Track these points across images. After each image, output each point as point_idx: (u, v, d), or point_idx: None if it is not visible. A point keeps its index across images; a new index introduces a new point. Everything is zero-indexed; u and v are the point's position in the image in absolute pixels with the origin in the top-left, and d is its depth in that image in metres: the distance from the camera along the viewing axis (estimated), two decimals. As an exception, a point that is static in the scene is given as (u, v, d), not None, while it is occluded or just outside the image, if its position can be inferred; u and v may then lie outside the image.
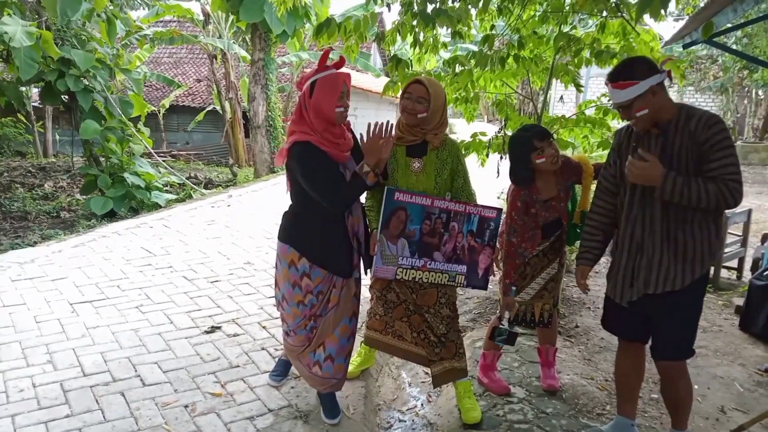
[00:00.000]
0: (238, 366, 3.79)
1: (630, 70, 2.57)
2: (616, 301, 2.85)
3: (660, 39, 4.57)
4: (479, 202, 3.20)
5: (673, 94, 20.22)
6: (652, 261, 2.66)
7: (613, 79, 2.59)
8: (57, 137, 19.41)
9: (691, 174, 2.52)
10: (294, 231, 2.98)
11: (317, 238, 2.90)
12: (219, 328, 4.35)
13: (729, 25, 4.54)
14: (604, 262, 7.15)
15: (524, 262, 3.33)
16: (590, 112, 4.83)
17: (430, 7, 3.67)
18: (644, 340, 2.91)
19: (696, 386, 3.87)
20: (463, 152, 3.87)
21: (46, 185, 12.37)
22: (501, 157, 5.00)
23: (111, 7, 9.70)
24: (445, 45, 4.40)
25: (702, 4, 4.68)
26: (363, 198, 3.15)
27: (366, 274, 3.18)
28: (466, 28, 4.00)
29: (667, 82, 2.59)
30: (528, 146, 3.12)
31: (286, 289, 3.02)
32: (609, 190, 2.90)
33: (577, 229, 3.35)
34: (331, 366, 3.08)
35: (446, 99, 3.16)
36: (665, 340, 2.77)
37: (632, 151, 2.70)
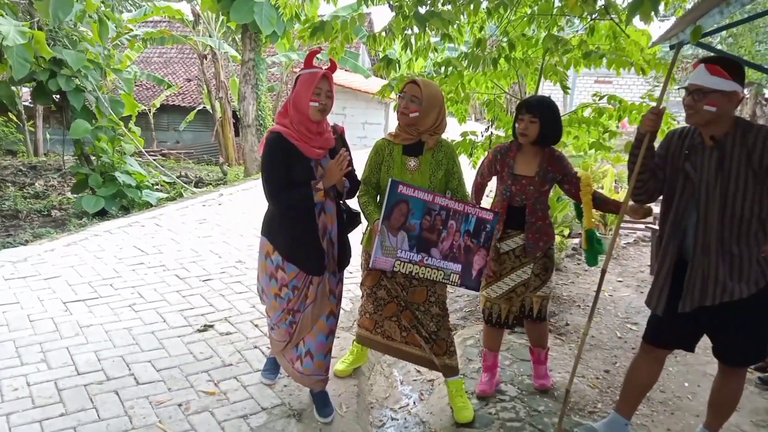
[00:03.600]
0: (231, 364, 3.80)
1: (730, 66, 2.50)
2: (650, 308, 2.79)
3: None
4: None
5: (658, 92, 20.25)
6: (708, 276, 2.62)
7: (711, 62, 2.51)
8: (47, 136, 19.35)
9: (747, 190, 2.51)
10: (269, 224, 3.07)
11: (287, 234, 2.97)
12: (212, 326, 4.36)
13: (715, 26, 4.59)
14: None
15: (493, 257, 3.35)
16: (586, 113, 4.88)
17: (422, 10, 3.71)
18: (691, 349, 2.90)
19: (686, 384, 3.93)
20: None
21: (36, 184, 12.31)
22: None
23: (103, 9, 9.68)
24: (435, 48, 4.44)
25: (689, 6, 4.73)
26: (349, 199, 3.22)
27: (335, 275, 3.19)
28: (456, 27, 4.04)
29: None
30: (519, 108, 3.24)
31: (265, 282, 3.11)
32: (656, 166, 2.82)
33: (589, 250, 3.34)
34: (310, 363, 3.12)
35: (443, 102, 3.20)
36: (729, 346, 2.76)
37: (684, 158, 2.67)
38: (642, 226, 8.35)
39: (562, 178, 3.29)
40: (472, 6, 3.66)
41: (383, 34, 3.93)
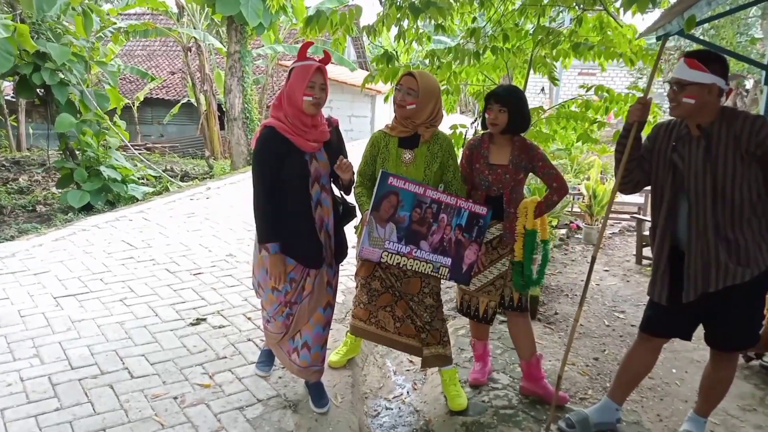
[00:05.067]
0: (225, 357, 3.82)
1: (709, 59, 2.56)
2: (654, 299, 2.85)
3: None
4: None
5: (642, 85, 20.56)
6: (709, 263, 2.65)
7: (690, 56, 2.58)
8: (30, 131, 19.12)
9: (736, 175, 2.56)
10: None
11: (284, 228, 2.97)
12: (204, 320, 4.37)
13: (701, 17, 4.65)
14: (580, 249, 7.30)
15: None
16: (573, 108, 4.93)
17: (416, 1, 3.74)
18: (688, 338, 2.95)
19: (674, 370, 4.00)
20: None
21: (20, 179, 12.19)
22: None
23: (87, 1, 9.58)
24: (428, 36, 4.46)
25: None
26: (337, 191, 3.24)
27: (332, 267, 3.22)
28: (449, 21, 4.07)
29: (723, 100, 2.61)
30: (488, 99, 3.25)
31: (261, 276, 3.11)
32: (643, 157, 2.89)
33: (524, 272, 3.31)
34: (307, 354, 3.14)
35: (440, 94, 3.22)
36: (726, 332, 2.81)
37: (672, 150, 2.73)
38: (627, 216, 8.45)
39: (534, 166, 3.32)
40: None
41: (381, 24, 3.95)
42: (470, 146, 3.39)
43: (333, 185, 3.19)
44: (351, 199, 3.27)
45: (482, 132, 3.44)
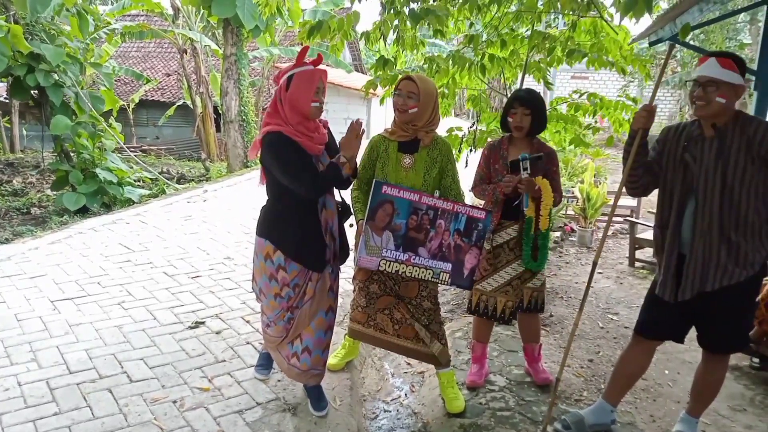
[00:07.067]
0: (224, 361, 3.84)
1: (739, 61, 2.64)
2: (665, 298, 2.86)
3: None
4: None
5: (634, 89, 20.74)
6: (708, 262, 2.71)
7: (721, 56, 2.64)
8: (24, 132, 19.06)
9: (745, 177, 2.62)
10: (269, 224, 3.05)
11: (290, 233, 2.97)
12: (203, 323, 4.39)
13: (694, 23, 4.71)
14: (575, 252, 7.33)
15: (489, 250, 3.43)
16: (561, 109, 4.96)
17: (413, 5, 3.77)
18: (681, 340, 3.00)
19: (666, 371, 4.04)
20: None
21: (14, 181, 12.18)
22: (471, 150, 5.14)
23: (81, 2, 9.57)
24: (423, 43, 4.49)
25: (664, 5, 4.85)
26: (342, 192, 3.24)
27: (333, 269, 3.23)
28: (446, 27, 4.11)
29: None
30: (510, 102, 3.35)
31: (263, 282, 3.10)
32: (653, 160, 2.94)
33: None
34: (308, 358, 3.15)
35: (437, 96, 3.24)
36: (719, 333, 2.85)
37: (683, 150, 2.78)
38: (620, 219, 8.48)
39: (548, 169, 3.38)
40: (467, 5, 3.72)
41: (378, 30, 3.97)
42: (490, 147, 3.47)
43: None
44: (346, 195, 3.28)
45: (501, 136, 3.52)
